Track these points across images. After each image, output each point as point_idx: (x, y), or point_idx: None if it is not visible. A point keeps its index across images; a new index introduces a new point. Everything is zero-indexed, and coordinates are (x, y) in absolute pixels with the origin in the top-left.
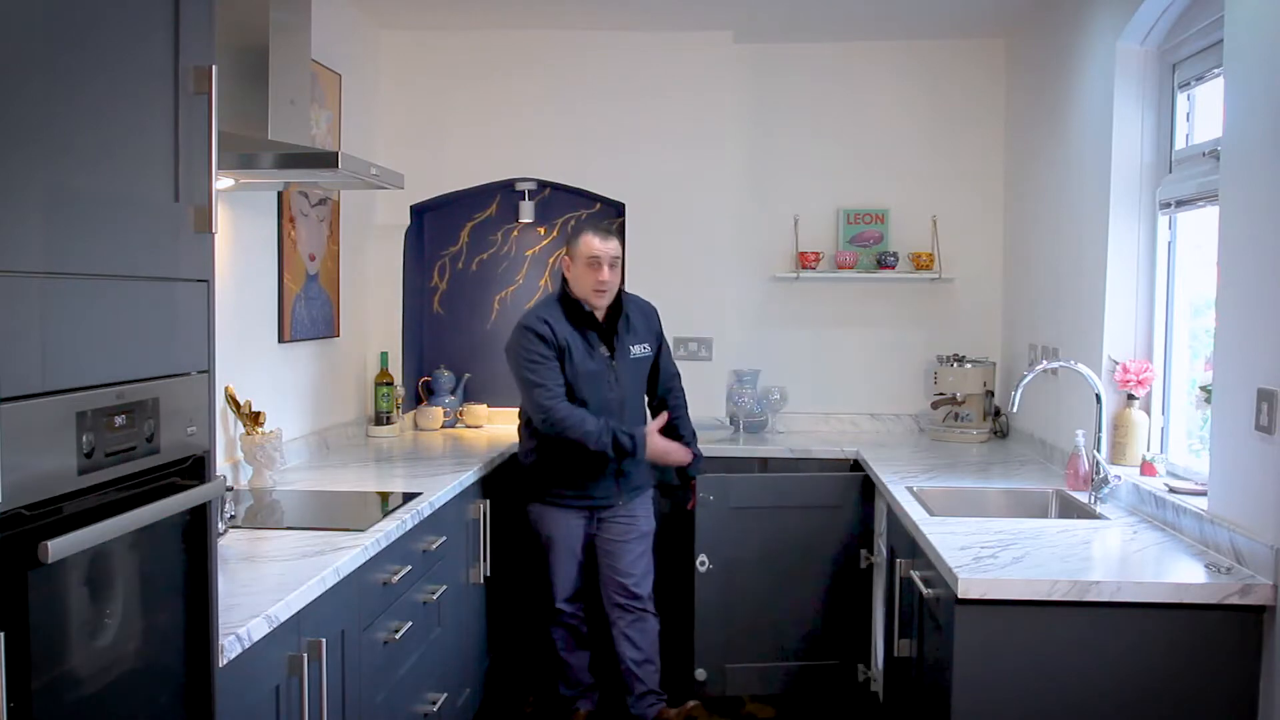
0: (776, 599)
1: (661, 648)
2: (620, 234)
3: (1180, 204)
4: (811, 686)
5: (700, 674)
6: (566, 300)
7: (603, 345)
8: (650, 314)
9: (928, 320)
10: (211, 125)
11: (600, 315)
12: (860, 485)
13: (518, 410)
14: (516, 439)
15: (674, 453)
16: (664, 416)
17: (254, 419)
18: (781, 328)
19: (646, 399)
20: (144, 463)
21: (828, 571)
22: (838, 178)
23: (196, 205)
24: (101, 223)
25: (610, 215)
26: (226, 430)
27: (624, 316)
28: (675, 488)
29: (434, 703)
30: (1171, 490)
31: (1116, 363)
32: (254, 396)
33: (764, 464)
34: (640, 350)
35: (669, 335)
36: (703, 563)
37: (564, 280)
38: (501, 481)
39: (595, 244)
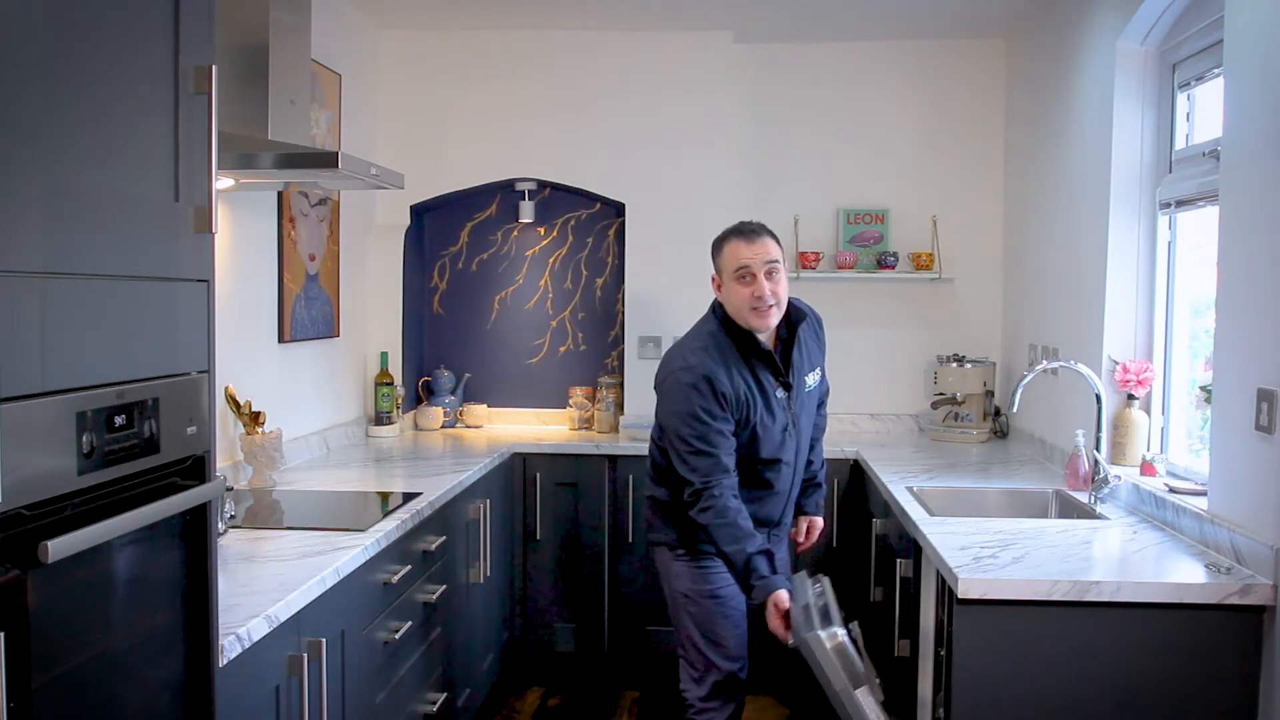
0: None
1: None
2: (769, 230)
3: (1180, 204)
4: None
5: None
6: (732, 329)
7: (779, 386)
8: (817, 324)
9: (928, 320)
10: (211, 125)
11: (767, 339)
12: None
13: (651, 443)
14: (522, 439)
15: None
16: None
17: (254, 419)
18: None
19: None
20: (144, 463)
21: None
22: (838, 178)
23: (196, 205)
24: (101, 223)
25: (610, 215)
26: (226, 430)
27: (799, 340)
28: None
29: (434, 703)
30: (1171, 490)
31: (1116, 363)
32: (254, 396)
33: None
34: (814, 379)
35: (670, 335)
36: None
37: (716, 306)
38: (501, 481)
39: (742, 249)
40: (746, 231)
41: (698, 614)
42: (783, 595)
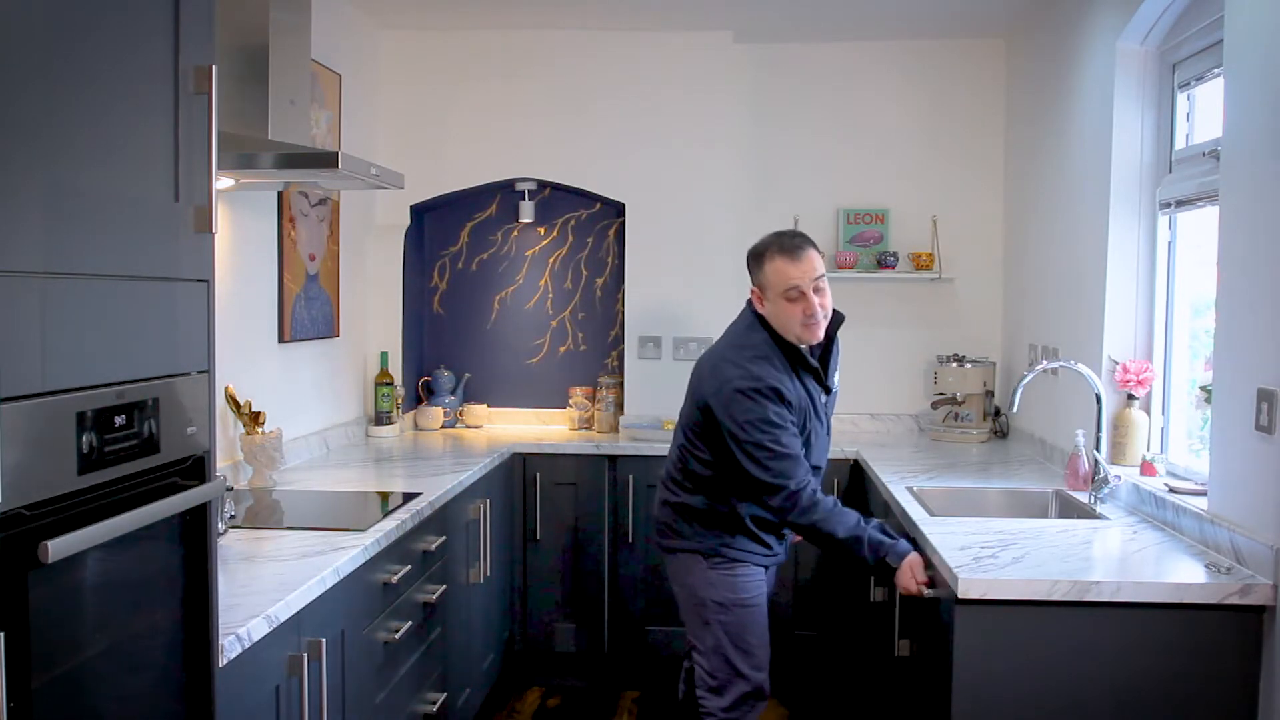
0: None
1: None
2: (811, 240)
3: (1180, 204)
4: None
5: None
6: (780, 340)
7: (822, 391)
8: (838, 322)
9: (928, 320)
10: (211, 125)
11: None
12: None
13: (671, 451)
14: (522, 439)
15: (914, 585)
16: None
17: (254, 419)
18: None
19: None
20: (144, 463)
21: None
22: (838, 178)
23: (196, 205)
24: (101, 223)
25: (610, 215)
26: (226, 430)
27: (836, 348)
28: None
29: (434, 703)
30: (1171, 490)
31: (1116, 363)
32: (254, 396)
33: None
34: (837, 381)
35: (670, 335)
36: None
37: (758, 315)
38: (501, 481)
39: (789, 269)
40: (790, 248)
41: (729, 622)
42: (916, 555)
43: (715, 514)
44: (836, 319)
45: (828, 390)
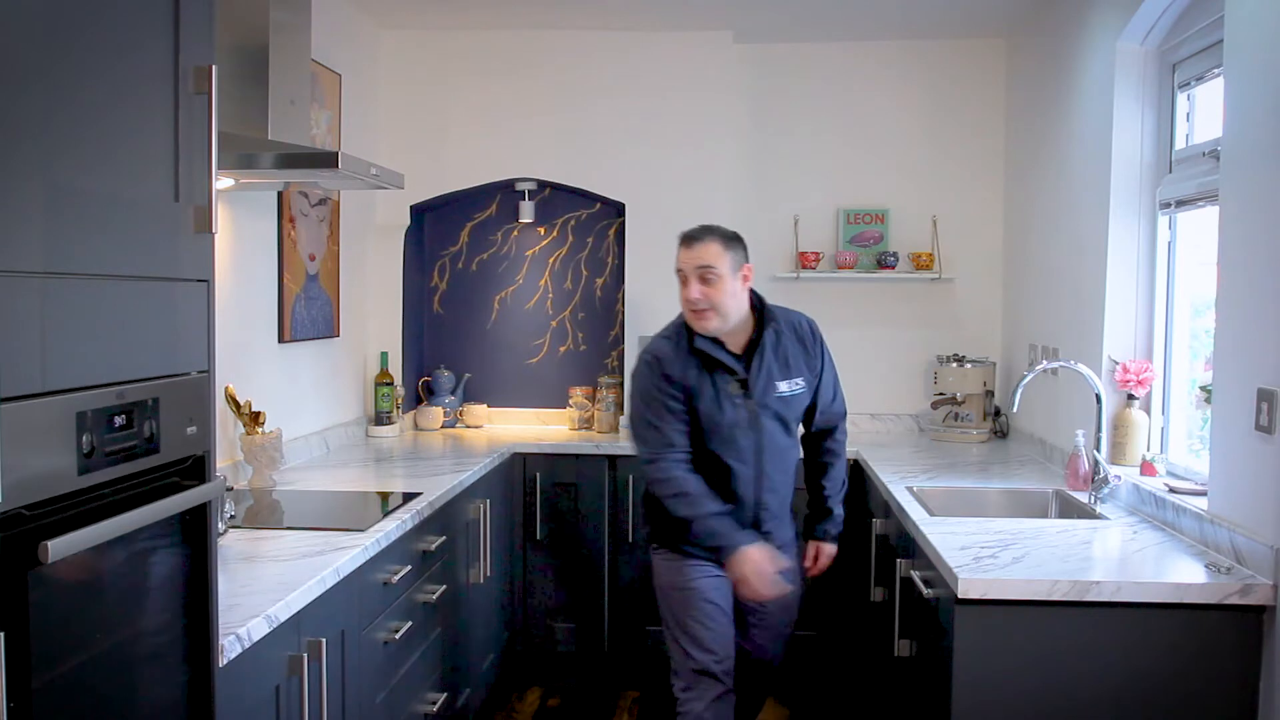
0: None
1: None
2: (722, 235)
3: (1180, 204)
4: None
5: None
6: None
7: (735, 385)
8: (804, 335)
9: (928, 320)
10: (211, 125)
11: (736, 343)
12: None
13: None
14: (522, 439)
15: (763, 587)
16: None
17: (254, 419)
18: None
19: (802, 437)
20: (144, 463)
21: None
22: (838, 178)
23: (196, 205)
24: (101, 223)
25: (610, 215)
26: (226, 430)
27: (764, 345)
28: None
29: (434, 703)
30: (1171, 490)
31: (1116, 363)
32: (254, 396)
33: None
34: (791, 388)
35: None
36: None
37: None
38: (501, 481)
39: (680, 256)
40: (688, 237)
41: (675, 606)
42: (749, 551)
43: (653, 499)
44: (773, 321)
45: (744, 385)
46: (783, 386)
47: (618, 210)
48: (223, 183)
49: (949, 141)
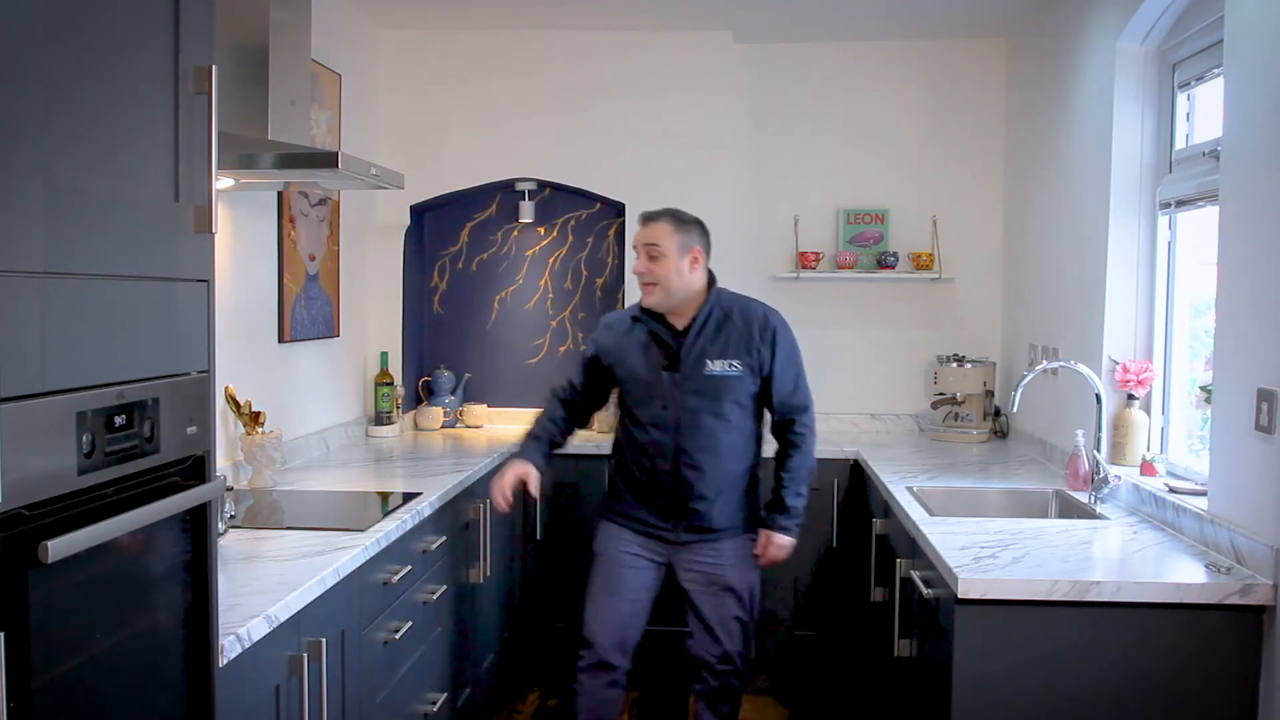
0: None
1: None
2: (675, 218)
3: (1180, 204)
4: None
5: None
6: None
7: (662, 355)
8: (755, 324)
9: (928, 320)
10: (211, 125)
11: (681, 321)
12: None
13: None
14: (516, 440)
15: (505, 481)
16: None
17: (254, 419)
18: None
19: (760, 430)
20: (144, 463)
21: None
22: (838, 178)
23: (196, 205)
24: (101, 223)
25: (610, 215)
26: (226, 430)
27: (704, 326)
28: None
29: (434, 703)
30: (1171, 490)
31: (1116, 363)
32: (254, 396)
33: (764, 464)
34: (721, 368)
35: None
36: None
37: None
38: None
39: (637, 229)
40: (644, 216)
41: (592, 568)
42: (510, 461)
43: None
44: (717, 304)
45: (674, 358)
46: (714, 366)
47: (618, 210)
48: (223, 183)
49: (949, 141)
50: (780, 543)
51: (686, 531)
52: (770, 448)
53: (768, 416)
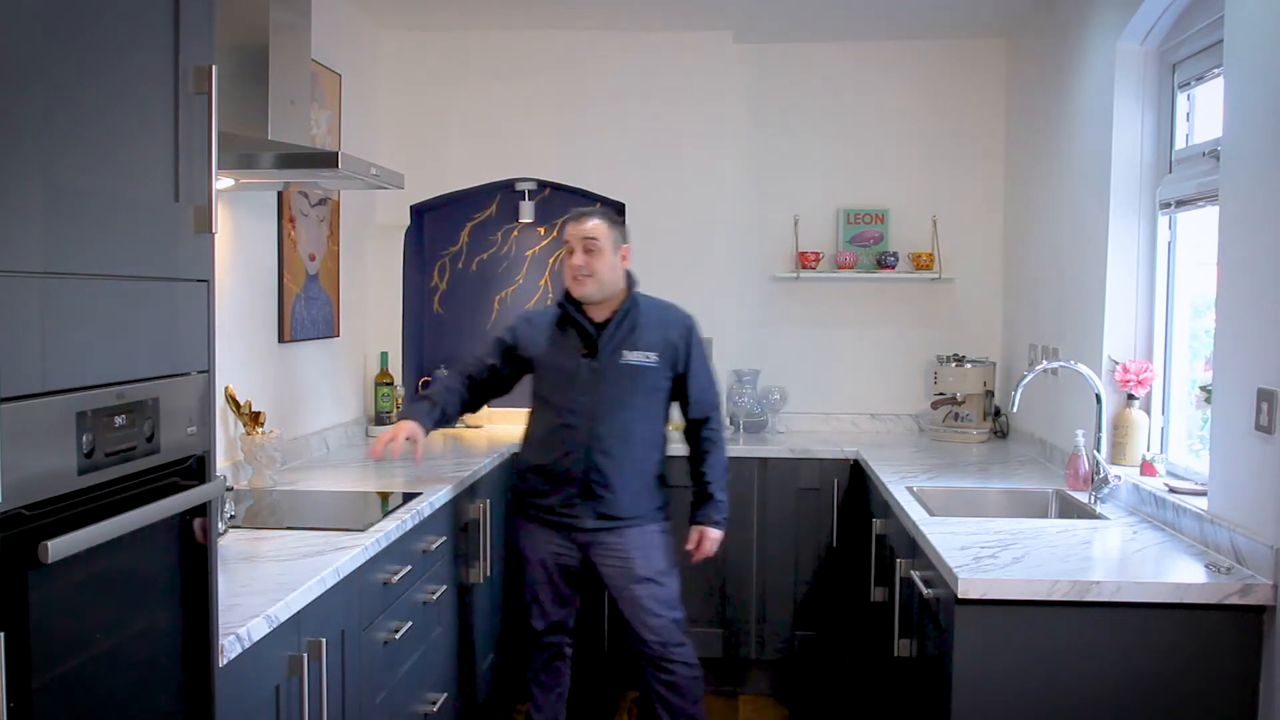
0: None
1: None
2: (607, 216)
3: (1180, 204)
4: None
5: None
6: (570, 295)
7: (582, 344)
8: (672, 323)
9: (928, 320)
10: (211, 125)
11: (602, 314)
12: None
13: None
14: (519, 439)
15: (396, 443)
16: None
17: (254, 419)
18: (781, 328)
19: (677, 423)
20: (144, 463)
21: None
22: (838, 178)
23: (196, 205)
24: (101, 223)
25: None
26: (226, 430)
27: (623, 318)
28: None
29: (434, 703)
30: (1171, 490)
31: (1116, 363)
32: (254, 396)
33: (764, 464)
34: (638, 358)
35: None
36: None
37: None
38: (501, 481)
39: (570, 228)
40: (578, 214)
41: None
42: (408, 424)
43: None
44: (638, 303)
45: (592, 349)
46: (631, 356)
47: (618, 210)
48: (223, 183)
49: (949, 141)
50: (714, 536)
51: (595, 518)
52: (683, 449)
53: (675, 418)
